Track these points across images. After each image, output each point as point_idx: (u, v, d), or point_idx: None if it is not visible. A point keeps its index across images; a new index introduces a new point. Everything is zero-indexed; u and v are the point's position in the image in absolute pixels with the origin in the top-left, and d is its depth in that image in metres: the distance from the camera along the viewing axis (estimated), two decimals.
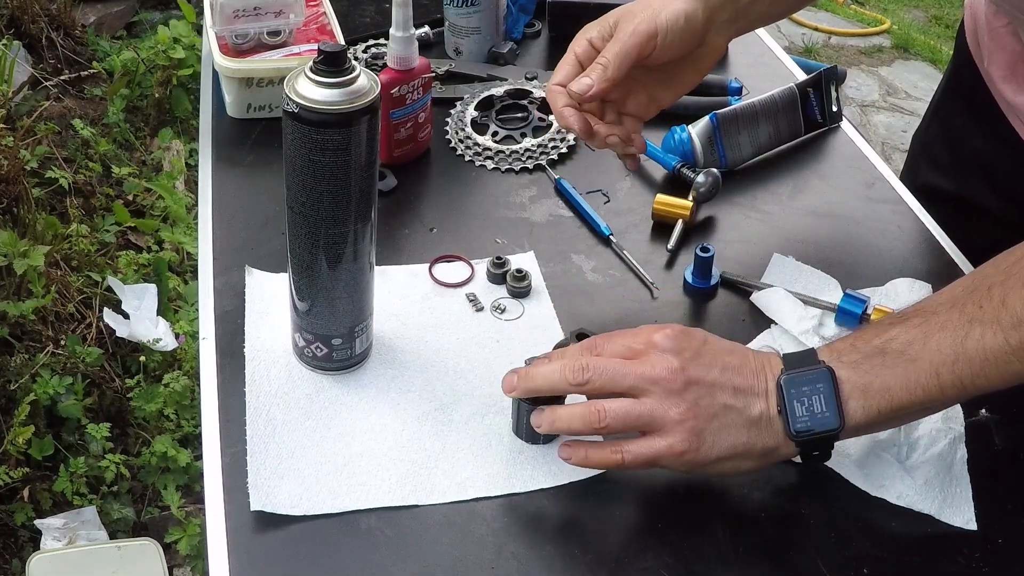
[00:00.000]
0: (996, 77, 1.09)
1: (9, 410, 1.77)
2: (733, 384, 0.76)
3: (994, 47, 1.08)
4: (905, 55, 4.10)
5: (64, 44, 2.74)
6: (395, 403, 0.87)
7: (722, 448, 0.75)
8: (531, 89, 1.23)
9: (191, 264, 2.28)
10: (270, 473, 0.80)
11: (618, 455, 0.76)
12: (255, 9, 1.15)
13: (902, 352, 0.74)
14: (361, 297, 0.86)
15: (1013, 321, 0.71)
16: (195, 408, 1.93)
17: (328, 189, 0.78)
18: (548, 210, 1.10)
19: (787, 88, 1.19)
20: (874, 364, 0.75)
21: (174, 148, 2.58)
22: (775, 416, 0.76)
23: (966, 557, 0.78)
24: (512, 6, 1.34)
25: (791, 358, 0.77)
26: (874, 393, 0.74)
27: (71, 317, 2.04)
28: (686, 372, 0.75)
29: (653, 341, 0.77)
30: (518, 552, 0.76)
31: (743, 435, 0.75)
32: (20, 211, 2.11)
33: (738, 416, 0.75)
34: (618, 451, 0.76)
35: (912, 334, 0.74)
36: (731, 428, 0.75)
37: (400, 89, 1.08)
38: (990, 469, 0.85)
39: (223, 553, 0.75)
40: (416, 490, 0.80)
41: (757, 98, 1.17)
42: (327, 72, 0.75)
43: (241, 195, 1.08)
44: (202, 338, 0.91)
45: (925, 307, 0.77)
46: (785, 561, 0.77)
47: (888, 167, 1.21)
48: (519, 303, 0.97)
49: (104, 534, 1.73)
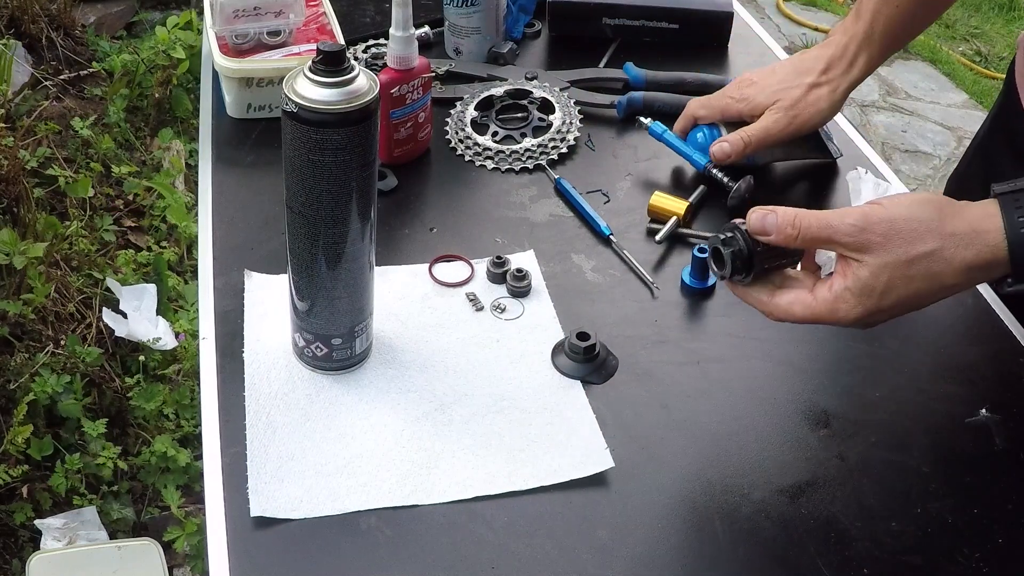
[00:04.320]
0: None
1: (9, 409, 1.77)
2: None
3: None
4: (905, 55, 4.09)
5: (64, 44, 2.74)
6: (395, 403, 0.87)
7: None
8: (531, 89, 1.23)
9: (191, 264, 2.28)
10: (270, 477, 0.80)
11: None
12: (255, 9, 1.15)
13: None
14: (361, 297, 0.86)
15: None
16: (195, 408, 1.93)
17: (328, 189, 0.78)
18: (548, 210, 1.10)
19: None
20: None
21: (174, 148, 2.58)
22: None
23: (966, 557, 0.78)
24: (512, 6, 1.34)
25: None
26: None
27: (71, 317, 2.04)
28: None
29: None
30: (518, 552, 0.76)
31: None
32: (20, 211, 2.11)
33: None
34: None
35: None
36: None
37: (400, 89, 1.08)
38: (990, 469, 0.85)
39: (223, 553, 0.75)
40: (416, 490, 0.80)
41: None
42: (326, 72, 0.75)
43: (241, 195, 1.08)
44: (202, 338, 0.91)
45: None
46: (785, 561, 0.77)
47: (888, 167, 1.21)
48: (519, 303, 0.97)
49: (104, 534, 1.73)
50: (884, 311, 0.77)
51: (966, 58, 4.08)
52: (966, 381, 0.93)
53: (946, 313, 0.99)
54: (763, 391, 0.91)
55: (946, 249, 0.74)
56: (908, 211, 0.76)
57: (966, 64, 4.03)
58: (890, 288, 0.75)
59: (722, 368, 0.92)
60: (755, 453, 0.86)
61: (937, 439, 0.88)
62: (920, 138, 3.53)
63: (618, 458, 0.83)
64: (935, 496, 0.83)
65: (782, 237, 0.77)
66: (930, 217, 0.75)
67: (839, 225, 0.76)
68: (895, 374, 0.93)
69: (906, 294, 0.76)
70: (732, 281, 0.81)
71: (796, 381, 0.92)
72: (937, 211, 0.76)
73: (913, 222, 0.75)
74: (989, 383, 0.93)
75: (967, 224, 0.75)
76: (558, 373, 0.90)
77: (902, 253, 0.75)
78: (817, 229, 0.77)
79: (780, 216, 0.78)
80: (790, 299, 0.79)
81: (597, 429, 0.85)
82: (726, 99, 1.12)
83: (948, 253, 0.74)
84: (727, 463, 0.84)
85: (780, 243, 0.78)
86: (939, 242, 0.75)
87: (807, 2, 4.45)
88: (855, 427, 0.88)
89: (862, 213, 0.76)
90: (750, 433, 0.87)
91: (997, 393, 0.91)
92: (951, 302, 0.78)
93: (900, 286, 0.75)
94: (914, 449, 0.87)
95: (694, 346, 0.94)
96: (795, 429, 0.88)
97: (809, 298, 0.78)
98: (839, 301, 0.77)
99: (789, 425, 0.88)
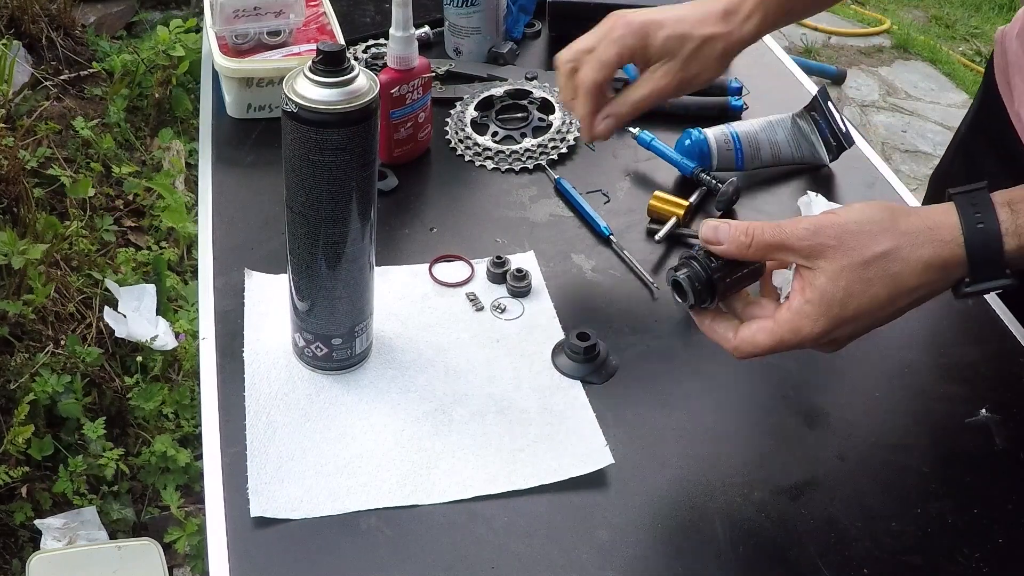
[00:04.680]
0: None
1: (9, 410, 1.77)
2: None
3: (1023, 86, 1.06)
4: (905, 55, 4.10)
5: (64, 44, 2.74)
6: (395, 403, 0.87)
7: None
8: (531, 89, 1.23)
9: (191, 264, 2.28)
10: (270, 477, 0.80)
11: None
12: (255, 9, 1.15)
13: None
14: (361, 297, 0.86)
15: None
16: (195, 408, 1.93)
17: (328, 189, 0.78)
18: (548, 210, 1.10)
19: (798, 112, 1.18)
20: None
21: (174, 148, 2.58)
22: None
23: (966, 557, 0.78)
24: (512, 6, 1.34)
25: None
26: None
27: (71, 317, 2.04)
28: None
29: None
30: (518, 552, 0.76)
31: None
32: (20, 211, 2.11)
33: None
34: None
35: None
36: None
37: (400, 89, 1.08)
38: (990, 469, 0.85)
39: (223, 553, 0.75)
40: (416, 490, 0.80)
41: (775, 117, 1.18)
42: (326, 72, 0.75)
43: (241, 195, 1.08)
44: (202, 338, 0.91)
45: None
46: (785, 561, 0.77)
47: (888, 167, 1.21)
48: (519, 303, 0.97)
49: (104, 534, 1.73)
50: (847, 322, 0.74)
51: (966, 58, 4.08)
52: (966, 381, 0.93)
53: (946, 313, 0.99)
54: (763, 391, 0.91)
55: (902, 248, 0.73)
56: (860, 214, 0.75)
57: (966, 64, 4.03)
58: (849, 295, 0.73)
59: (722, 368, 0.92)
60: (755, 453, 0.86)
61: (937, 439, 0.88)
62: (920, 138, 3.53)
63: (618, 458, 0.83)
64: (935, 496, 0.83)
65: (735, 246, 0.76)
66: (883, 218, 0.74)
67: (792, 230, 0.75)
68: (895, 374, 0.93)
69: (867, 301, 0.73)
70: (700, 308, 0.79)
71: (796, 381, 0.92)
72: (889, 213, 0.75)
73: (866, 224, 0.74)
74: (989, 383, 0.93)
75: (921, 222, 0.74)
76: (558, 373, 0.90)
77: (857, 256, 0.73)
78: (770, 235, 0.75)
79: (732, 225, 0.76)
80: (753, 330, 0.77)
81: (597, 428, 0.85)
82: (619, 49, 0.97)
83: (904, 252, 0.73)
84: (727, 463, 0.84)
85: (733, 253, 0.76)
86: (894, 241, 0.73)
87: None
88: (855, 427, 0.88)
89: (815, 219, 0.75)
90: (750, 433, 0.87)
91: (997, 393, 0.91)
92: (951, 302, 0.78)
93: (859, 292, 0.73)
94: (914, 449, 0.87)
95: (694, 346, 0.94)
96: (795, 429, 0.88)
97: (770, 324, 0.76)
98: (800, 317, 0.75)
99: (789, 425, 0.88)
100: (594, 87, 0.97)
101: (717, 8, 0.97)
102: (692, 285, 0.77)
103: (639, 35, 0.96)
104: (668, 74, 0.97)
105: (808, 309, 0.74)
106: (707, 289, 0.77)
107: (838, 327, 0.75)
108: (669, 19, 0.96)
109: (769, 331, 0.76)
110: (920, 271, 0.73)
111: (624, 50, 0.96)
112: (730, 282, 0.78)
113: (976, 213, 0.73)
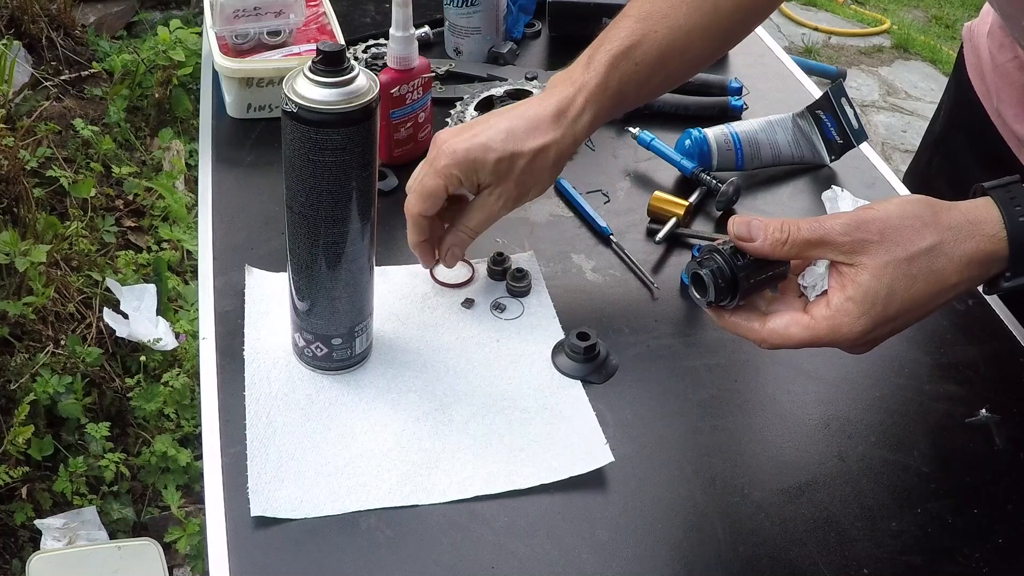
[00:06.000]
0: (1008, 116, 1.05)
1: (9, 410, 1.77)
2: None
3: (1002, 84, 1.04)
4: (905, 55, 4.10)
5: (64, 44, 2.74)
6: (395, 403, 0.87)
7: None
8: (531, 89, 1.23)
9: (191, 264, 2.28)
10: (270, 477, 0.80)
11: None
12: (255, 9, 1.15)
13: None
14: (361, 297, 0.86)
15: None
16: (195, 408, 1.93)
17: (328, 189, 0.78)
18: (548, 210, 1.10)
19: (799, 112, 1.18)
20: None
21: (174, 148, 2.58)
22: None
23: (966, 557, 0.78)
24: (512, 6, 1.34)
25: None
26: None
27: (71, 317, 2.04)
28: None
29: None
30: (518, 552, 0.76)
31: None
32: (20, 211, 2.11)
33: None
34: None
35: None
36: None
37: (400, 89, 1.08)
38: (990, 469, 0.85)
39: (223, 553, 0.75)
40: (416, 490, 0.80)
41: (775, 117, 1.17)
42: (326, 72, 0.75)
43: (241, 195, 1.08)
44: (202, 338, 0.91)
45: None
46: (785, 561, 0.77)
47: (888, 167, 1.21)
48: (519, 302, 0.97)
49: (104, 534, 1.73)
50: (888, 321, 0.72)
51: None
52: (966, 381, 0.93)
53: (946, 313, 0.99)
54: (763, 391, 0.91)
55: (946, 243, 0.71)
56: (901, 209, 0.73)
57: None
58: (892, 292, 0.71)
59: (722, 368, 0.92)
60: (755, 453, 0.86)
61: (937, 439, 0.88)
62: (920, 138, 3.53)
63: (618, 458, 0.83)
64: (935, 496, 0.83)
65: (769, 243, 0.73)
66: (924, 212, 0.72)
67: (832, 225, 0.72)
68: (895, 374, 0.93)
69: (909, 298, 0.71)
70: (718, 306, 0.76)
71: (795, 380, 0.92)
72: (930, 207, 0.73)
73: (908, 218, 0.72)
74: (989, 383, 0.93)
75: (963, 216, 0.72)
76: (558, 373, 0.90)
77: (901, 251, 0.71)
78: (808, 231, 0.72)
79: (766, 222, 0.73)
80: (785, 322, 0.74)
81: (597, 427, 0.85)
82: (444, 181, 0.90)
83: (948, 247, 0.71)
84: (727, 463, 0.84)
85: (767, 251, 0.73)
86: (938, 236, 0.71)
87: (807, 2, 4.46)
88: (855, 427, 0.88)
89: (854, 215, 0.73)
90: (750, 433, 0.87)
91: (997, 393, 0.91)
92: (951, 301, 0.78)
93: (902, 288, 0.71)
94: (914, 449, 0.87)
95: (694, 346, 0.94)
96: (795, 429, 0.88)
97: (806, 318, 0.73)
98: (840, 314, 0.72)
99: (789, 425, 0.88)
100: (420, 219, 0.91)
101: (547, 111, 0.90)
102: (715, 281, 0.74)
103: (463, 165, 0.88)
104: (502, 197, 0.91)
105: (849, 307, 0.72)
106: (730, 287, 0.74)
107: (878, 326, 0.73)
108: (496, 138, 0.88)
109: (805, 325, 0.73)
110: (963, 266, 0.72)
111: (449, 180, 0.89)
112: (754, 283, 0.75)
113: (1017, 207, 0.71)
